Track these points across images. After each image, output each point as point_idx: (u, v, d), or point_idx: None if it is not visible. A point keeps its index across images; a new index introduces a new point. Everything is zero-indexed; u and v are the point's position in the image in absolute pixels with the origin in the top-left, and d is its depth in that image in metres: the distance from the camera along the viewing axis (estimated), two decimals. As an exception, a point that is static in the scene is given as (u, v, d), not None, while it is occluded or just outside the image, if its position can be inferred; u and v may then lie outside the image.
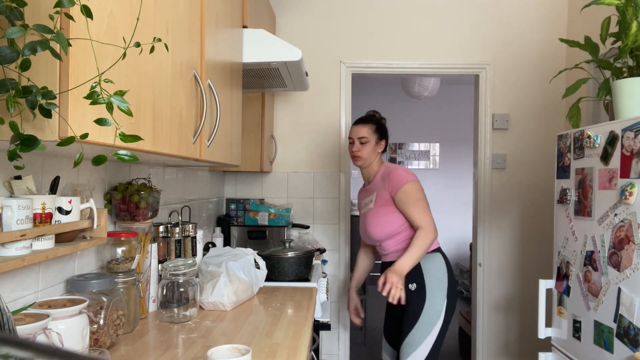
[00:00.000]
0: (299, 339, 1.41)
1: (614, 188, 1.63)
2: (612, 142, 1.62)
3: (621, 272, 1.59)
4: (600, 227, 1.71)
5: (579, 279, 1.82)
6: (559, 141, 2.00)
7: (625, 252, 1.56)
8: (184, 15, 1.32)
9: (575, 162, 1.87)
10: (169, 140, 1.23)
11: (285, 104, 3.29)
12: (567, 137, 1.94)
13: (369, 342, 4.19)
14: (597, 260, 1.72)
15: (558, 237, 2.00)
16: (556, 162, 2.04)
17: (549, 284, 2.03)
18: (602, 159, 1.69)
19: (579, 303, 1.83)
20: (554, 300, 2.01)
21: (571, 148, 1.89)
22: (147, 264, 1.62)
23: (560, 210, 1.99)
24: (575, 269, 1.85)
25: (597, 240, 1.72)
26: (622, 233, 1.59)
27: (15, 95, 0.76)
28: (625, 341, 1.54)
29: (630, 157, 1.53)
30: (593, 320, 1.73)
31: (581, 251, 1.82)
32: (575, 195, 1.85)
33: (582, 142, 1.80)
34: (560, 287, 1.96)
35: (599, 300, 1.70)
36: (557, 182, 2.02)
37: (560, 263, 1.97)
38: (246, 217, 3.07)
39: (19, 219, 1.00)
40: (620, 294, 1.58)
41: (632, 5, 1.66)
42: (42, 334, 0.97)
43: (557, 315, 1.98)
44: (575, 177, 1.86)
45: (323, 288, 2.37)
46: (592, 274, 1.74)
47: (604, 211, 1.69)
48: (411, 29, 3.25)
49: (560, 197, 1.96)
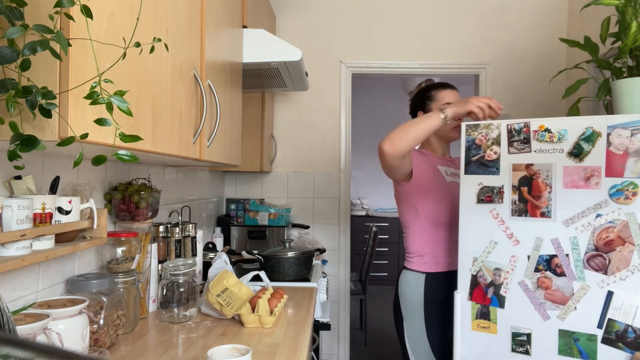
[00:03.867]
0: (299, 339, 1.41)
1: (594, 187, 1.56)
2: (589, 138, 1.57)
3: (609, 276, 1.57)
4: (569, 229, 1.58)
5: (525, 288, 1.63)
6: (470, 131, 1.68)
7: (619, 253, 1.55)
8: (184, 15, 1.32)
9: (511, 156, 1.63)
10: (169, 140, 1.23)
11: (285, 104, 3.29)
12: (490, 128, 1.66)
13: (369, 342, 4.19)
14: (563, 265, 1.58)
15: (475, 241, 1.68)
16: (464, 155, 1.68)
17: (463, 296, 1.70)
18: (573, 156, 1.58)
19: (525, 314, 1.63)
20: (462, 314, 1.69)
21: (501, 140, 1.64)
22: (147, 264, 1.62)
23: (479, 210, 1.67)
24: (514, 276, 1.64)
25: (562, 243, 1.59)
26: (610, 234, 1.56)
27: (15, 95, 0.76)
28: (621, 345, 1.53)
29: (624, 155, 1.52)
30: (557, 330, 1.59)
31: (528, 256, 1.62)
32: (514, 193, 1.63)
33: (526, 135, 1.62)
34: (482, 298, 1.68)
35: (567, 308, 1.58)
36: (469, 178, 1.68)
37: (478, 271, 1.68)
38: (246, 217, 3.07)
39: (19, 219, 1.00)
40: (611, 297, 1.57)
41: (631, 5, 1.67)
42: (42, 334, 0.97)
43: (475, 331, 1.69)
44: (512, 174, 1.64)
45: (323, 288, 2.37)
46: (554, 280, 1.59)
47: (575, 212, 1.58)
48: (411, 29, 3.25)
49: (487, 196, 1.66)
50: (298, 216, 3.27)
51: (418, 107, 1.99)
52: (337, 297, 3.28)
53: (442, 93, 1.93)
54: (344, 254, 3.28)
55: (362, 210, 6.38)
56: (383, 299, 5.60)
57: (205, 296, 1.56)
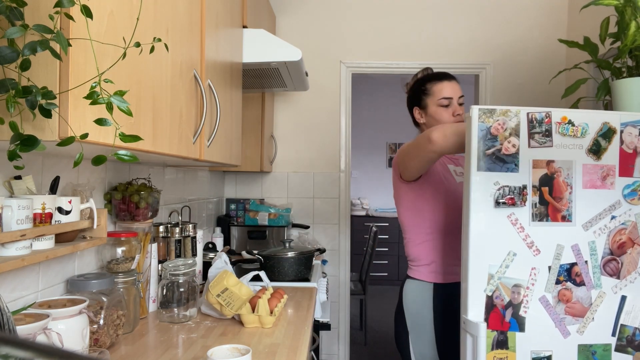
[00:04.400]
0: (299, 339, 1.41)
1: (609, 187, 1.45)
2: (606, 135, 1.44)
3: (622, 280, 1.47)
4: (587, 233, 1.43)
5: (546, 304, 1.41)
6: (484, 117, 1.38)
7: (629, 255, 1.51)
8: (184, 15, 1.32)
9: (531, 151, 1.40)
10: (169, 140, 1.23)
11: (285, 104, 3.29)
12: (508, 115, 1.38)
13: (369, 342, 4.19)
14: (582, 273, 1.43)
15: (491, 254, 1.39)
16: (475, 147, 1.37)
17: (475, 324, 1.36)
18: (592, 153, 1.42)
19: (545, 334, 1.41)
20: (482, 344, 1.36)
21: (521, 131, 1.39)
22: (147, 264, 1.62)
23: (495, 216, 1.39)
24: (535, 292, 1.40)
25: (582, 250, 1.43)
26: (622, 236, 1.46)
27: (15, 95, 0.76)
28: (630, 350, 1.50)
29: (634, 154, 1.49)
30: (577, 346, 1.42)
31: (549, 266, 1.41)
32: (535, 195, 1.41)
33: (548, 127, 1.41)
34: (499, 323, 1.39)
35: (585, 319, 1.42)
36: (482, 176, 1.38)
37: (494, 290, 1.38)
38: (246, 217, 3.07)
39: (19, 219, 1.00)
40: (624, 302, 1.51)
41: (630, 5, 1.67)
42: (42, 334, 0.97)
43: None
44: (532, 172, 1.40)
45: (323, 288, 2.37)
46: (574, 291, 1.42)
47: (592, 214, 1.43)
48: (411, 29, 3.25)
49: (510, 198, 1.39)
50: (298, 216, 3.27)
51: (413, 102, 1.79)
52: (337, 297, 3.28)
53: (438, 86, 1.71)
54: (344, 254, 3.28)
55: (362, 210, 6.38)
56: (383, 299, 5.60)
57: (205, 296, 1.57)
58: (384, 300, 5.53)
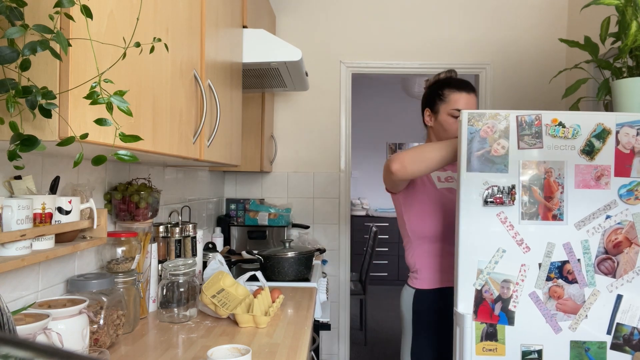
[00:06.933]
0: (299, 339, 1.41)
1: (604, 187, 1.49)
2: (600, 135, 1.48)
3: (618, 279, 1.54)
4: (580, 232, 1.48)
5: (536, 299, 1.48)
6: (473, 121, 1.45)
7: (626, 255, 1.52)
8: (184, 15, 1.32)
9: (521, 152, 1.46)
10: (169, 140, 1.23)
11: (285, 104, 3.29)
12: (497, 118, 1.45)
13: (369, 342, 4.19)
14: (575, 271, 1.48)
15: (480, 250, 1.47)
16: (465, 149, 1.45)
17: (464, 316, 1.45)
18: (585, 154, 1.47)
19: (536, 329, 1.48)
20: (463, 337, 1.46)
21: (510, 133, 1.46)
22: (147, 264, 1.62)
23: (484, 214, 1.46)
24: (525, 287, 1.47)
25: (574, 248, 1.48)
26: (619, 236, 1.49)
27: (15, 95, 0.76)
28: (627, 349, 1.51)
29: (631, 155, 1.50)
30: (569, 342, 1.48)
31: (539, 264, 1.48)
32: (525, 194, 1.47)
33: (538, 129, 1.47)
34: (488, 316, 1.47)
35: (578, 316, 1.47)
36: (472, 177, 1.45)
37: (483, 285, 1.46)
38: (246, 217, 3.07)
39: (19, 219, 1.00)
40: (620, 301, 1.53)
41: (631, 5, 1.67)
42: (42, 334, 0.97)
43: (480, 355, 1.48)
44: (521, 172, 1.47)
45: (323, 288, 2.37)
46: (566, 288, 1.48)
47: (585, 214, 1.48)
48: (411, 29, 3.25)
49: (498, 198, 1.46)
50: (298, 216, 3.27)
51: (427, 103, 1.79)
52: (337, 297, 3.28)
53: (455, 95, 1.68)
54: (344, 254, 3.28)
55: (362, 210, 6.38)
56: (383, 299, 5.60)
57: (200, 297, 1.56)
58: (384, 300, 5.53)
